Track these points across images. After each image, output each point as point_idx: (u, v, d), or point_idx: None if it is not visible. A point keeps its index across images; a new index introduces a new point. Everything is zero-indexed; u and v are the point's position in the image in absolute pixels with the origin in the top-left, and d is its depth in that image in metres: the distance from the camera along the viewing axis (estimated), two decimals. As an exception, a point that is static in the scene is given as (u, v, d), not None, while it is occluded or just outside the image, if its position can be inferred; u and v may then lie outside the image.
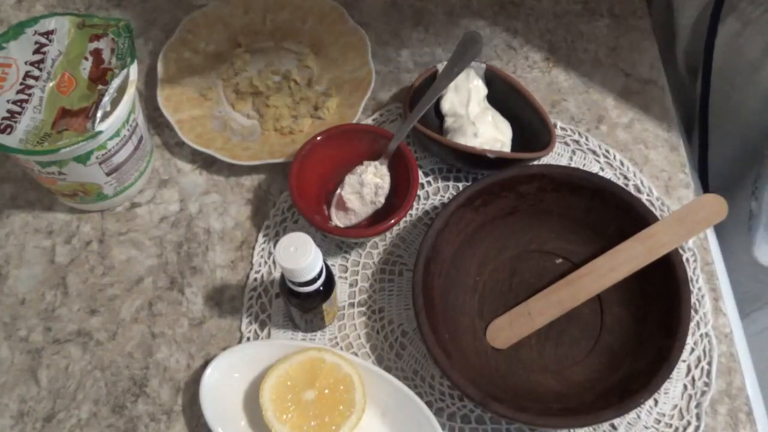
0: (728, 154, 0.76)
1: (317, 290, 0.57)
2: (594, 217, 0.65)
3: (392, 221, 0.63)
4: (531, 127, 0.69)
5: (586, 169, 0.68)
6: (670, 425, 0.61)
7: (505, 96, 0.71)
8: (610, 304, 0.64)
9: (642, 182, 0.71)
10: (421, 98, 0.66)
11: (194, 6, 0.79)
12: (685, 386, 0.62)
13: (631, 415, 0.61)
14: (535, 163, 0.68)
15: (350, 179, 0.67)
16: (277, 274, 0.67)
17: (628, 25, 0.81)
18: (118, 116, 0.61)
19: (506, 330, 0.63)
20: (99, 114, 0.60)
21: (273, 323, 0.65)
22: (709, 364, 0.63)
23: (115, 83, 0.61)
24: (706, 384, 0.62)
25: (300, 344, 0.62)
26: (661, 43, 0.81)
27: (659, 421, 0.61)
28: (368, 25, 0.78)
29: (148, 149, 0.69)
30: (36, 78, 0.61)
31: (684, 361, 0.63)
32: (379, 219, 0.66)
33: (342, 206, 0.67)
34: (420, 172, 0.69)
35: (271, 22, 0.79)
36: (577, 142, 0.73)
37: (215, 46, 0.77)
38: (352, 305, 0.66)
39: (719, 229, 0.71)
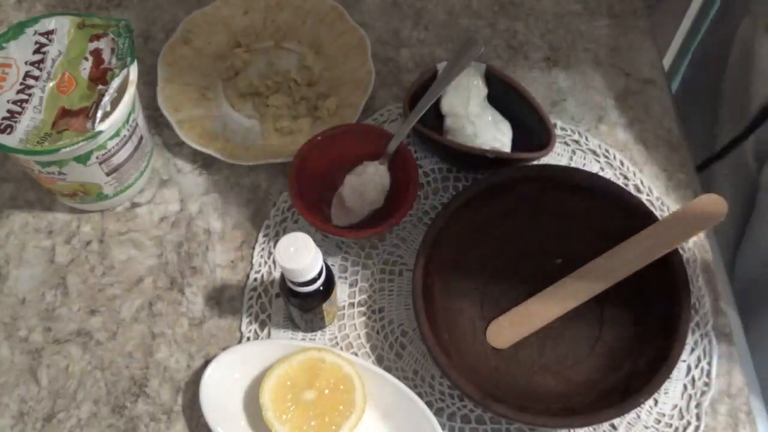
0: None
1: (317, 290, 0.57)
2: (594, 217, 0.65)
3: (392, 221, 0.63)
4: (531, 127, 0.69)
5: (586, 169, 0.68)
6: (670, 425, 0.61)
7: (505, 96, 0.71)
8: (610, 304, 0.64)
9: (642, 182, 0.71)
10: (421, 98, 0.66)
11: (194, 6, 0.79)
12: (685, 386, 0.62)
13: (631, 415, 0.61)
14: (535, 163, 0.68)
15: (350, 179, 0.67)
16: (277, 274, 0.67)
17: (628, 25, 0.81)
18: (118, 116, 0.61)
19: (506, 330, 0.63)
20: (99, 114, 0.60)
21: (273, 323, 0.65)
22: (709, 364, 0.63)
23: (115, 83, 0.61)
24: (706, 384, 0.62)
25: (300, 344, 0.62)
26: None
27: (659, 421, 0.61)
28: (368, 25, 0.78)
29: (148, 149, 0.69)
30: (36, 78, 0.61)
31: (684, 361, 0.63)
32: (379, 219, 0.66)
33: (342, 206, 0.67)
34: (420, 172, 0.69)
35: (271, 23, 0.79)
36: (577, 142, 0.73)
37: (215, 46, 0.77)
38: (352, 305, 0.66)
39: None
